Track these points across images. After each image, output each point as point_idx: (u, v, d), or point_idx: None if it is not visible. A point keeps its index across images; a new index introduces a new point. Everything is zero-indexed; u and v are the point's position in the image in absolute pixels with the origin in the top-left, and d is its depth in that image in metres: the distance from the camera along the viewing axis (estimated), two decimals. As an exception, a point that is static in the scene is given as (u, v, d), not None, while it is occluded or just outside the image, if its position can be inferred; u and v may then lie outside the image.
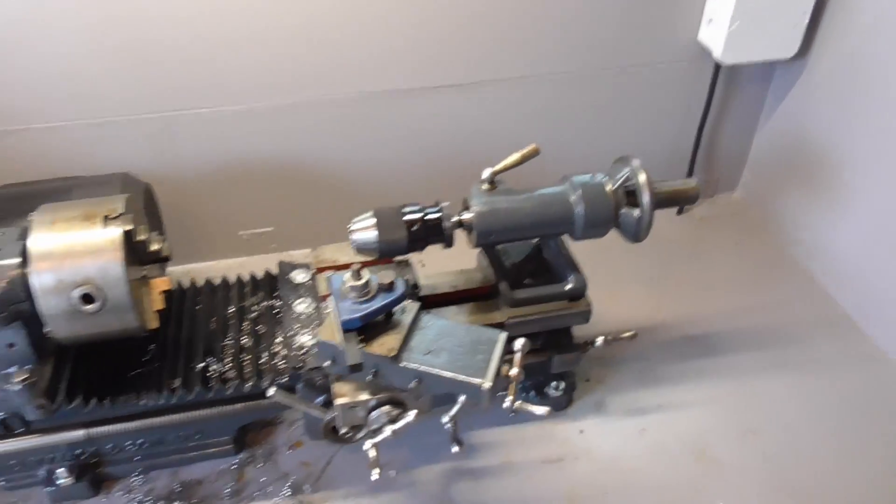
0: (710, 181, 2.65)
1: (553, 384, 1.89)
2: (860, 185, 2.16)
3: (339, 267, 1.73)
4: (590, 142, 2.44)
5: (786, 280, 2.39)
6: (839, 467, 1.80)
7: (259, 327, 1.72)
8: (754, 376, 2.03)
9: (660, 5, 2.20)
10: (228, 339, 1.68)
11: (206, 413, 1.62)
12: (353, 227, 1.55)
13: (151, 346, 1.63)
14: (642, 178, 1.61)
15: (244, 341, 1.68)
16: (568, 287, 1.70)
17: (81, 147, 2.06)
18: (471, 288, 1.78)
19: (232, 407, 1.62)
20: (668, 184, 1.71)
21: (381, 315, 1.41)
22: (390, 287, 1.40)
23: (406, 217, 1.55)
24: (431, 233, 1.57)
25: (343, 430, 1.62)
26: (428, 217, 1.56)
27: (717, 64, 2.27)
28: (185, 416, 1.60)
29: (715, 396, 1.98)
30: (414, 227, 1.55)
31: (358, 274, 1.37)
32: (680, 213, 2.62)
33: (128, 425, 1.58)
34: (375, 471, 1.46)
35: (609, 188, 1.62)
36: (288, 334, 1.64)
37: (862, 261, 2.20)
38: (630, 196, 1.64)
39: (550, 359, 1.79)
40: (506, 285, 1.69)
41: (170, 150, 2.13)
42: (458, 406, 1.46)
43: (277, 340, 1.66)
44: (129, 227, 1.37)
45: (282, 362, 1.61)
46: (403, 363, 1.38)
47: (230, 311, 1.76)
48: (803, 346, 2.13)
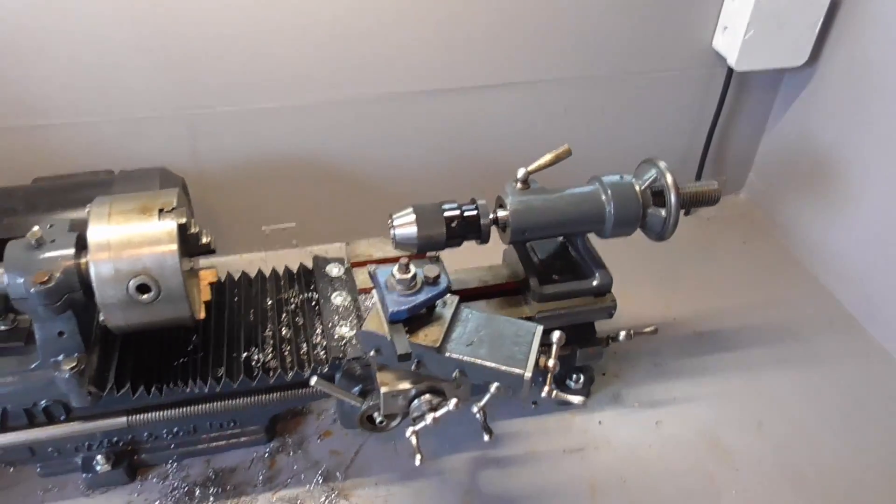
0: (717, 182, 2.71)
1: (573, 377, 1.94)
2: (863, 189, 2.23)
3: (374, 261, 1.77)
4: (605, 142, 2.50)
5: (790, 279, 2.47)
6: (842, 459, 1.87)
7: (298, 319, 1.75)
8: (762, 371, 2.10)
9: (677, 13, 2.26)
10: (268, 331, 1.71)
11: (244, 401, 1.64)
12: (395, 222, 1.59)
13: (194, 336, 1.66)
14: (670, 179, 1.67)
15: (284, 332, 1.71)
16: (594, 283, 1.76)
17: (110, 142, 2.08)
18: (499, 283, 1.83)
19: (268, 396, 1.66)
20: (693, 185, 1.77)
21: (425, 308, 1.46)
22: (436, 281, 1.44)
23: (446, 213, 1.59)
24: (469, 229, 1.62)
25: (379, 419, 1.67)
26: (467, 214, 1.61)
27: (729, 70, 2.34)
28: (224, 404, 1.63)
29: (725, 390, 2.04)
30: (453, 224, 1.60)
31: (406, 267, 1.42)
32: (687, 213, 2.68)
33: (168, 413, 1.60)
34: (418, 457, 1.50)
35: (638, 188, 1.69)
36: (328, 325, 1.67)
37: (863, 262, 2.27)
38: (656, 196, 1.70)
39: (574, 352, 1.84)
40: (535, 281, 1.74)
41: (197, 146, 2.16)
42: (487, 396, 1.49)
43: (317, 331, 1.70)
44: (183, 221, 1.40)
45: (322, 352, 1.65)
46: (448, 353, 1.43)
47: (268, 303, 1.80)
48: (808, 343, 2.21)
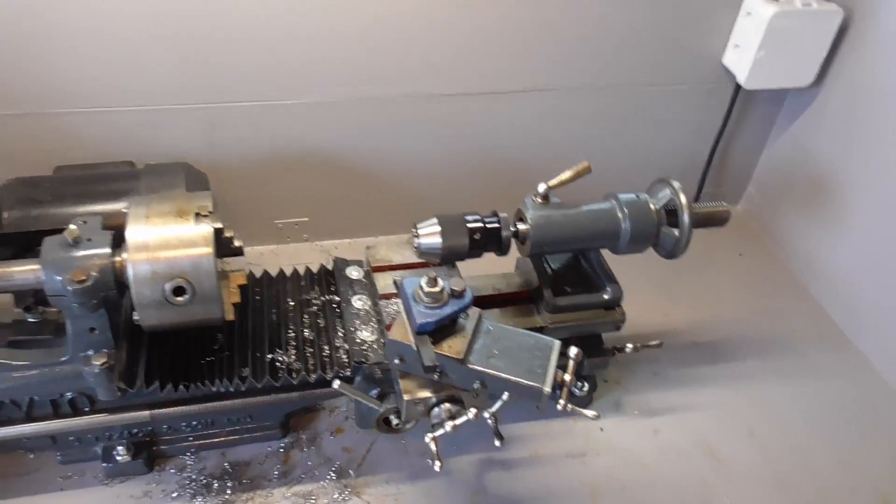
0: (716, 194, 2.79)
1: (578, 384, 2.00)
2: (856, 207, 2.32)
3: (394, 267, 1.81)
4: (611, 152, 2.55)
5: (783, 292, 2.54)
6: (832, 467, 1.97)
7: (320, 321, 1.79)
8: (755, 382, 2.18)
9: (691, 27, 2.30)
10: (290, 332, 1.75)
11: (264, 399, 1.69)
12: (419, 232, 1.63)
13: (219, 335, 1.69)
14: (683, 200, 1.73)
15: (307, 333, 1.75)
16: (606, 297, 1.82)
17: (129, 132, 2.09)
18: (512, 292, 1.88)
19: (287, 395, 1.70)
20: (704, 206, 1.84)
21: (449, 320, 1.51)
22: (461, 294, 1.49)
23: (470, 225, 1.64)
24: (491, 241, 1.66)
25: (395, 422, 1.72)
26: (489, 226, 1.66)
27: (737, 86, 2.40)
28: (244, 401, 1.67)
29: (720, 400, 2.12)
30: (476, 235, 1.64)
31: (434, 281, 1.46)
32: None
33: (190, 408, 1.64)
34: (437, 463, 1.54)
35: (653, 207, 1.74)
36: (349, 329, 1.71)
37: (852, 278, 2.35)
38: (670, 215, 1.76)
39: (581, 362, 1.90)
40: (549, 292, 1.79)
41: (214, 139, 2.17)
42: (499, 403, 1.54)
43: (339, 334, 1.74)
44: (219, 225, 1.44)
45: (344, 355, 1.69)
46: (471, 365, 1.48)
47: (290, 303, 1.83)
48: (798, 356, 2.29)
